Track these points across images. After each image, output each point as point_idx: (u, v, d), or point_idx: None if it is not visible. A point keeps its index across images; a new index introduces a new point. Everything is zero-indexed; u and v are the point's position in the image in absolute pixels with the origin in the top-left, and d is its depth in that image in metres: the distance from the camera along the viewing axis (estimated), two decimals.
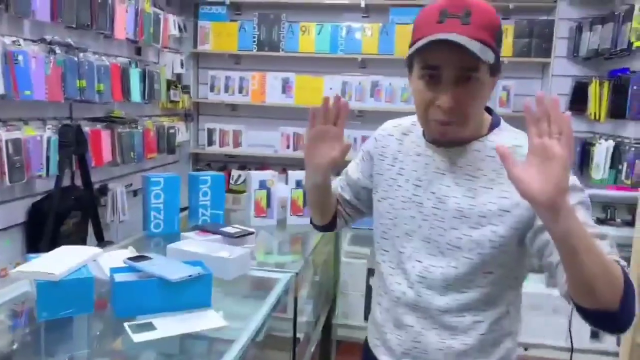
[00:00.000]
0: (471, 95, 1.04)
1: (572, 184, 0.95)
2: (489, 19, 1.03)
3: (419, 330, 1.15)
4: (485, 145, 1.10)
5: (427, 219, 1.13)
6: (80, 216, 2.81)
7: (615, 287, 0.90)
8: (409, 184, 1.17)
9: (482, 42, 0.99)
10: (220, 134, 4.24)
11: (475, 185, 1.08)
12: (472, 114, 1.06)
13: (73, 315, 1.26)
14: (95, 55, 2.92)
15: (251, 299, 1.63)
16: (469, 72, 1.02)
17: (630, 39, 2.91)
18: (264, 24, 4.08)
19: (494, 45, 1.03)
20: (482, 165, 1.09)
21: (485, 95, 1.07)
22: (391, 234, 1.20)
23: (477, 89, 1.04)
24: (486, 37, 1.01)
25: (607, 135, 3.32)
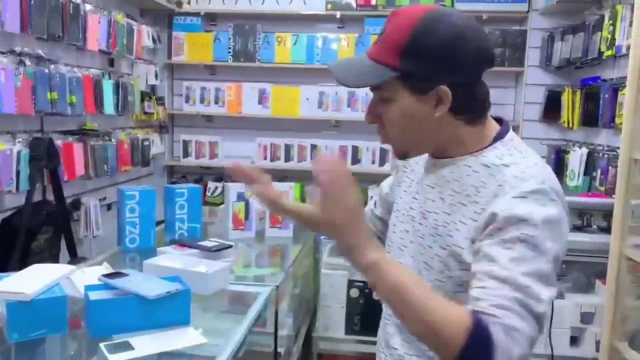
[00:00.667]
0: (386, 115, 1.03)
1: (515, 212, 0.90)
2: (394, 36, 0.98)
3: (402, 354, 1.11)
4: (478, 159, 1.02)
5: (415, 235, 1.09)
6: (52, 232, 2.73)
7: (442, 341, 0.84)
8: (409, 196, 1.15)
9: (377, 62, 0.99)
10: (196, 146, 4.19)
11: (455, 201, 1.02)
12: (392, 131, 1.04)
13: (46, 335, 1.21)
14: (67, 66, 2.85)
15: (231, 314, 1.60)
16: (376, 91, 1.02)
17: (600, 48, 2.97)
18: (239, 34, 4.06)
19: (395, 63, 0.97)
20: (467, 180, 1.02)
21: (411, 114, 1.00)
22: (391, 248, 1.17)
23: (387, 107, 1.01)
24: (384, 56, 0.98)
25: (581, 142, 3.37)
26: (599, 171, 2.99)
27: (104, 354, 1.13)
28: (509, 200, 0.92)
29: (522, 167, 0.97)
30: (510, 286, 0.87)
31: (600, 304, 2.42)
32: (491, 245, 0.91)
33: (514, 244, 0.89)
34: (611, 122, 2.90)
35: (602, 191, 2.87)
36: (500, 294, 0.86)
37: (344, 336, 2.72)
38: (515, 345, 0.84)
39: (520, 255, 0.89)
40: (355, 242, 0.88)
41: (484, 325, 0.83)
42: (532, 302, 0.87)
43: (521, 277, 0.87)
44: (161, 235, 2.10)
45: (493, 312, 0.85)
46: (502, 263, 0.88)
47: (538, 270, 0.89)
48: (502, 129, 1.06)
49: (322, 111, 4.04)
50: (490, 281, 0.88)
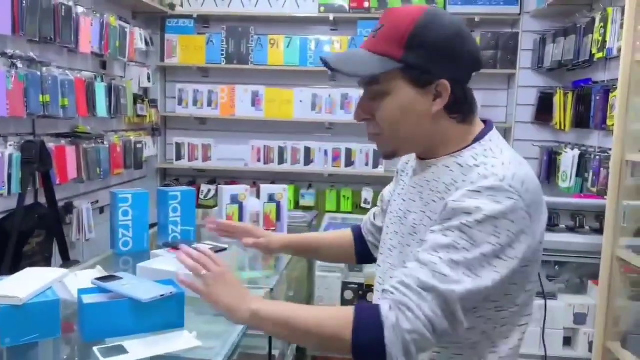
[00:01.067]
0: (378, 108, 1.02)
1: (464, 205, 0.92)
2: (396, 29, 0.98)
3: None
4: (455, 159, 1.03)
5: (404, 237, 1.10)
6: (45, 235, 2.71)
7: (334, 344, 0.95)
8: (400, 198, 1.16)
9: (378, 54, 0.99)
10: (189, 148, 4.19)
11: (428, 199, 1.04)
12: (387, 127, 1.03)
13: (38, 340, 1.20)
14: (59, 69, 2.84)
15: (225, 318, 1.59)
16: (369, 85, 1.02)
17: (591, 50, 2.99)
18: (232, 37, 4.05)
19: (399, 55, 0.97)
20: (442, 179, 1.03)
21: (409, 109, 1.00)
22: (383, 249, 1.18)
23: (384, 102, 1.01)
24: (387, 48, 0.98)
25: (573, 144, 3.39)
26: (590, 172, 3.01)
27: (98, 358, 1.12)
28: (463, 192, 0.94)
29: (489, 166, 0.97)
30: (426, 269, 0.91)
31: (593, 305, 2.44)
32: (433, 232, 0.95)
33: (452, 232, 0.92)
34: (603, 123, 2.91)
35: (594, 192, 2.89)
36: (410, 274, 0.92)
37: None
38: (405, 319, 0.88)
39: (453, 242, 0.91)
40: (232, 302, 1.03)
41: (372, 306, 0.92)
42: (440, 285, 0.89)
43: (440, 264, 0.90)
44: (154, 239, 2.09)
45: (391, 289, 0.92)
46: (429, 247, 0.93)
47: (468, 261, 0.90)
48: (483, 130, 1.06)
49: (316, 113, 4.05)
50: (413, 263, 0.94)
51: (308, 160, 4.08)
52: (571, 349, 2.52)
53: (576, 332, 2.50)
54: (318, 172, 4.08)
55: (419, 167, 1.10)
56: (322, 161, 4.08)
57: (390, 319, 0.88)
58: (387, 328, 0.88)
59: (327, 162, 4.08)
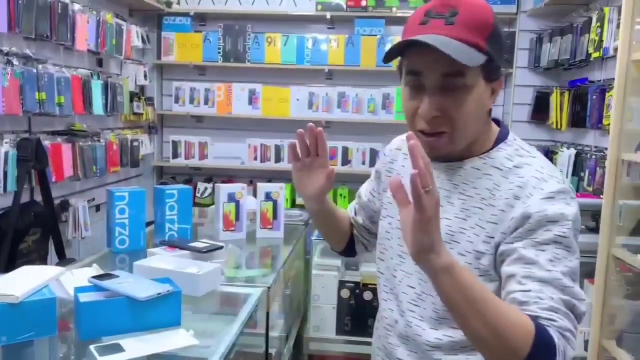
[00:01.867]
0: (457, 104, 0.93)
1: (549, 214, 0.90)
2: (479, 18, 0.93)
3: (401, 354, 1.08)
4: (486, 162, 1.01)
5: None
6: (41, 233, 2.70)
7: (510, 349, 0.82)
8: None
9: (467, 43, 0.90)
10: (185, 146, 4.18)
11: (468, 206, 0.99)
12: (461, 125, 0.95)
13: (34, 338, 1.19)
14: (55, 66, 2.83)
15: (222, 316, 1.59)
16: (454, 77, 0.92)
17: (588, 50, 3.00)
18: (229, 34, 4.05)
19: (485, 47, 0.92)
20: (478, 183, 0.99)
21: (480, 104, 0.96)
22: (387, 255, 1.13)
23: (465, 97, 0.93)
24: (473, 37, 0.91)
25: (569, 143, 3.40)
26: (587, 172, 3.02)
27: (94, 356, 1.12)
28: (538, 201, 0.92)
29: (537, 167, 0.97)
30: (553, 287, 0.88)
31: (588, 303, 2.44)
32: (525, 247, 0.91)
33: (548, 245, 0.90)
34: (599, 123, 2.92)
35: (590, 191, 2.90)
36: (546, 296, 0.87)
37: (334, 336, 2.73)
38: (569, 345, 0.86)
39: (555, 256, 0.90)
40: (438, 241, 0.81)
41: (546, 331, 0.84)
42: (576, 302, 0.88)
43: (562, 277, 0.88)
44: (151, 237, 2.09)
45: (547, 315, 0.85)
46: (541, 264, 0.89)
47: (572, 269, 0.90)
48: (502, 130, 1.05)
49: (312, 112, 4.04)
50: (533, 284, 0.88)
51: None
52: None
53: None
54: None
55: (437, 170, 1.03)
56: None
57: (560, 348, 0.84)
58: (558, 356, 0.84)
59: None
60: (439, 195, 0.80)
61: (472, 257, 0.98)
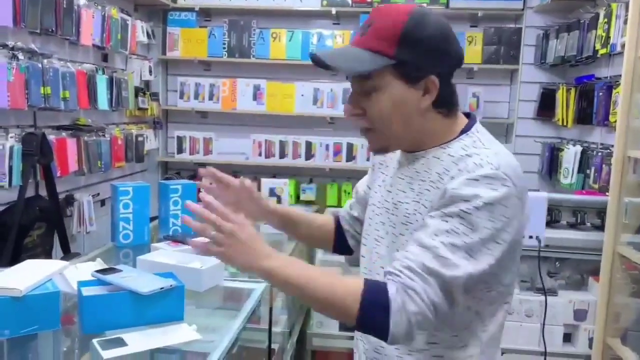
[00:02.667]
0: (371, 103, 1.05)
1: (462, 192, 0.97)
2: (387, 26, 1.01)
3: (379, 340, 1.11)
4: (445, 151, 1.08)
5: (389, 225, 1.13)
6: (45, 228, 2.71)
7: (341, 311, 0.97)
8: (384, 190, 1.19)
9: (371, 50, 1.01)
10: (190, 142, 4.18)
11: (422, 189, 1.08)
12: (380, 122, 1.06)
13: (38, 332, 1.20)
14: (60, 61, 2.83)
15: (225, 311, 1.59)
16: (363, 81, 1.03)
17: (595, 46, 2.98)
18: (234, 30, 4.04)
19: (392, 52, 1.00)
20: (432, 169, 1.08)
21: (401, 105, 1.04)
22: (367, 240, 1.21)
23: (379, 99, 1.03)
24: (379, 45, 1.01)
25: (575, 140, 3.38)
26: (592, 169, 3.00)
27: (97, 350, 1.12)
28: (462, 180, 0.99)
29: (483, 156, 1.03)
30: (427, 253, 0.95)
31: (593, 301, 2.43)
32: (432, 217, 0.99)
33: (451, 218, 0.97)
34: (605, 120, 2.90)
35: (596, 189, 2.88)
36: (414, 258, 0.95)
37: (338, 332, 2.72)
38: (411, 302, 0.93)
39: (453, 228, 0.96)
40: (247, 259, 1.02)
41: (380, 285, 0.95)
42: (443, 270, 0.94)
43: (442, 248, 0.95)
44: (155, 232, 2.09)
45: (397, 272, 0.95)
46: (430, 232, 0.97)
47: (467, 245, 0.95)
48: (468, 123, 1.12)
49: (317, 108, 4.04)
50: (414, 247, 0.97)
51: (309, 154, 4.08)
52: (571, 345, 2.52)
53: (576, 329, 2.50)
54: (319, 167, 4.07)
55: (406, 159, 1.14)
56: (323, 156, 4.07)
57: (397, 301, 0.93)
58: (393, 310, 0.92)
59: (328, 156, 4.07)
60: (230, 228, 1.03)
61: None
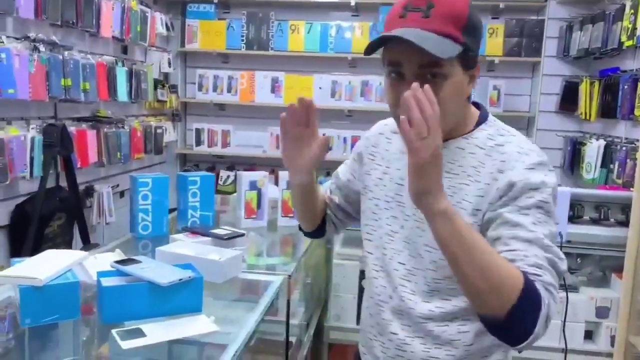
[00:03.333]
0: (436, 93, 0.94)
1: (531, 181, 0.97)
2: (454, 10, 0.97)
3: (403, 338, 1.11)
4: (469, 142, 1.06)
5: (408, 220, 1.09)
6: (66, 218, 2.74)
7: (501, 297, 0.88)
8: (392, 183, 1.15)
9: (442, 35, 0.95)
10: (208, 134, 4.19)
11: (454, 183, 1.04)
12: (444, 113, 0.95)
13: (58, 321, 1.21)
14: (80, 53, 2.85)
15: (242, 303, 1.59)
16: (430, 67, 0.97)
17: (620, 38, 2.91)
18: (252, 22, 4.03)
19: (460, 37, 0.97)
20: (463, 162, 1.05)
21: (458, 91, 1.01)
22: (375, 235, 1.17)
23: (443, 86, 0.97)
24: (448, 29, 0.96)
25: (598, 134, 3.32)
26: (616, 163, 2.94)
27: (116, 340, 1.12)
28: (521, 171, 0.99)
29: (517, 143, 1.04)
30: (537, 246, 0.94)
31: (616, 298, 2.39)
32: (510, 212, 0.97)
33: (530, 210, 0.96)
34: (630, 113, 2.84)
35: (620, 184, 2.83)
36: (531, 254, 0.93)
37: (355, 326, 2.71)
38: (552, 299, 0.92)
39: (538, 219, 0.96)
40: (435, 186, 0.89)
41: (533, 284, 0.90)
42: (557, 260, 0.95)
43: (544, 238, 0.95)
44: (174, 223, 2.10)
45: (533, 271, 0.92)
46: (525, 226, 0.95)
47: (552, 233, 0.97)
48: (482, 113, 1.11)
49: (335, 100, 4.02)
50: (518, 243, 0.94)
51: None
52: (592, 343, 2.48)
53: (598, 326, 2.46)
54: (337, 160, 4.00)
55: None
56: (341, 149, 4.05)
57: (545, 302, 0.91)
58: (542, 312, 0.90)
59: (346, 149, 4.05)
60: (439, 142, 0.87)
61: None
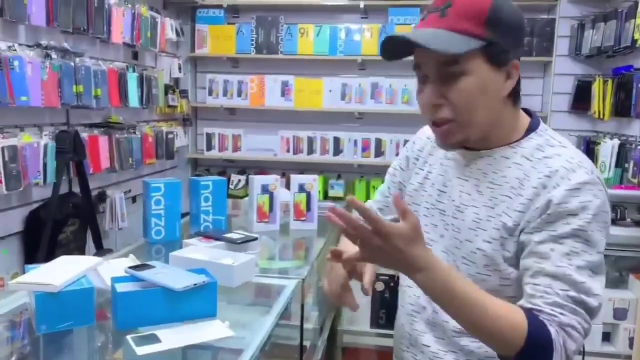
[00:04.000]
0: (457, 90, 0.95)
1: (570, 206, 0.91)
2: (474, 5, 0.94)
3: (435, 351, 1.08)
4: (516, 151, 1.01)
5: (448, 229, 1.06)
6: (79, 224, 2.76)
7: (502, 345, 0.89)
8: (434, 189, 1.11)
9: (457, 32, 0.93)
10: (219, 139, 4.20)
11: (496, 194, 1.00)
12: (464, 110, 0.96)
13: (73, 327, 1.20)
14: (92, 60, 2.87)
15: (257, 307, 1.58)
16: (449, 65, 0.94)
17: (634, 36, 2.88)
18: (262, 26, 4.04)
19: (482, 32, 0.93)
20: (507, 172, 1.00)
21: (486, 89, 0.96)
22: None
23: (467, 84, 0.95)
24: (466, 25, 0.93)
25: (612, 133, 3.28)
26: (631, 163, 2.91)
27: (131, 346, 1.12)
28: (563, 192, 0.93)
29: (567, 157, 0.96)
30: (562, 282, 0.89)
31: (634, 300, 2.36)
32: (543, 241, 0.92)
33: (566, 239, 0.91)
34: None
35: (635, 183, 2.79)
36: (552, 291, 0.89)
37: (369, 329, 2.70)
38: (571, 340, 0.88)
39: (573, 249, 0.91)
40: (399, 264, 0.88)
41: (542, 328, 0.87)
42: (584, 297, 0.89)
43: (574, 273, 0.90)
44: (186, 228, 2.10)
45: (549, 310, 0.88)
46: (554, 259, 0.90)
47: (591, 263, 0.91)
48: (533, 120, 1.05)
49: (345, 103, 4.01)
50: (543, 278, 0.91)
51: (337, 150, 4.05)
52: (610, 345, 2.45)
53: (616, 328, 2.43)
54: (347, 163, 4.04)
55: (465, 157, 1.06)
56: (351, 151, 4.04)
57: (559, 342, 0.88)
58: (555, 352, 0.87)
59: (356, 152, 4.04)
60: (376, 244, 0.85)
61: (498, 244, 0.99)
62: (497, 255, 0.98)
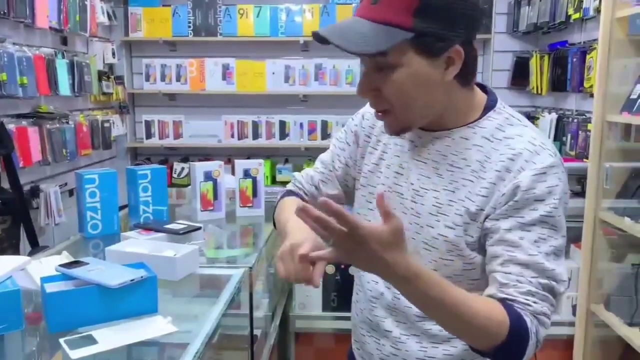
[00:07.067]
0: (388, 82, 0.91)
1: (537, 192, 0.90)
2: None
3: (398, 336, 1.05)
4: (475, 132, 0.98)
5: (407, 213, 1.01)
6: (11, 221, 2.59)
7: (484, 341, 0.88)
8: (390, 170, 1.06)
9: (384, 23, 0.87)
10: (159, 126, 4.05)
11: (457, 178, 0.97)
12: (399, 102, 0.93)
13: (1, 333, 1.11)
14: (15, 45, 2.68)
15: (203, 299, 1.52)
16: (377, 58, 0.90)
17: (567, 11, 2.94)
18: (198, 7, 3.90)
19: (411, 23, 0.87)
20: (467, 154, 0.97)
21: (420, 80, 0.91)
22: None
23: (398, 77, 0.90)
24: (393, 15, 0.87)
25: (550, 108, 3.37)
26: (569, 136, 2.99)
27: (66, 350, 1.04)
28: (529, 178, 0.91)
29: (529, 138, 0.94)
30: (533, 270, 0.89)
31: (576, 268, 2.43)
32: (511, 229, 0.91)
33: (534, 226, 0.90)
34: (580, 86, 2.89)
35: (573, 156, 2.88)
36: (525, 280, 0.89)
37: (321, 313, 2.68)
38: (543, 328, 0.89)
39: (540, 236, 0.90)
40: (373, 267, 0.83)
41: (520, 318, 0.87)
42: (554, 283, 0.90)
43: (544, 261, 0.90)
44: (126, 221, 2.00)
45: (523, 300, 0.88)
46: (525, 248, 0.90)
47: (556, 248, 0.91)
48: (490, 97, 1.02)
49: (289, 85, 3.94)
50: (514, 267, 0.90)
51: (283, 134, 4.00)
52: (555, 313, 2.53)
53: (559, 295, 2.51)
54: (294, 146, 3.99)
55: (423, 139, 1.02)
56: (297, 134, 3.99)
57: (533, 331, 0.88)
58: (531, 342, 0.88)
59: (303, 135, 3.99)
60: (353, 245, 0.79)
61: (461, 230, 0.96)
62: (460, 241, 0.96)
